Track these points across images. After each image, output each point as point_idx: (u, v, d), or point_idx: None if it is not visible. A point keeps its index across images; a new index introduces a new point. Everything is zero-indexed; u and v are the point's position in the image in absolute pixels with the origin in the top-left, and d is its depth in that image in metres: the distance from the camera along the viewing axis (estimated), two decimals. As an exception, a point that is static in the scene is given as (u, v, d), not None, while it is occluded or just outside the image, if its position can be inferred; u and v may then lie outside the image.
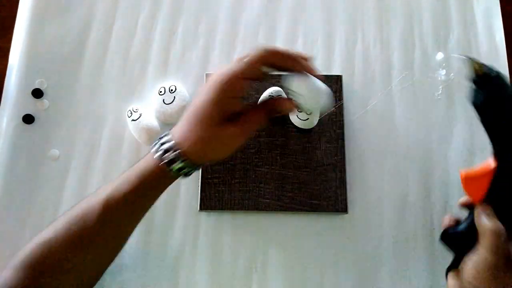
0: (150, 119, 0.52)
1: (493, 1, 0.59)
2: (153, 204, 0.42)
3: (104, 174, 0.52)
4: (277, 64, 0.40)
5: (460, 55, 0.45)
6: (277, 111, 0.42)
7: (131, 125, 0.52)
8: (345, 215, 0.51)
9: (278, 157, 0.52)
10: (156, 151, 0.39)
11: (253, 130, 0.41)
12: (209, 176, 0.51)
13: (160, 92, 0.53)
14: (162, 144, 0.39)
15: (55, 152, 0.53)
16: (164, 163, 0.39)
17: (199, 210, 0.50)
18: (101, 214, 0.39)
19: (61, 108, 0.55)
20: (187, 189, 0.52)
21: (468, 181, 0.39)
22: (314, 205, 0.50)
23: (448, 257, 0.50)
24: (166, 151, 0.39)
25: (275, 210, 0.50)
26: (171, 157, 0.38)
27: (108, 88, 0.56)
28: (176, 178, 0.41)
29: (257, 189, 0.51)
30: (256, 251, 0.50)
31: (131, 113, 0.52)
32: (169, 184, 0.42)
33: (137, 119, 0.52)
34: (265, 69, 0.40)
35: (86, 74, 0.56)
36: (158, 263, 0.49)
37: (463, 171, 0.40)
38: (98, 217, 0.39)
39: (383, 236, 0.50)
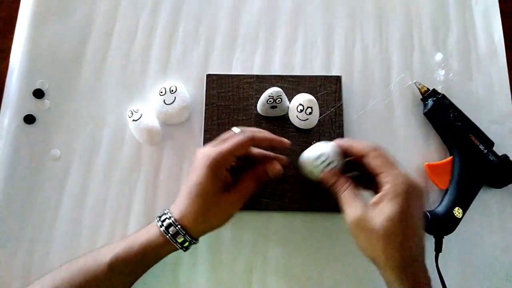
0: (151, 120, 0.53)
1: (492, 2, 0.59)
2: (151, 267, 0.45)
3: (104, 174, 0.53)
4: (262, 146, 0.45)
5: (413, 82, 0.55)
6: (268, 176, 0.45)
7: (132, 125, 0.52)
8: (345, 215, 0.51)
9: (278, 157, 0.52)
10: (160, 226, 0.43)
11: (247, 195, 0.44)
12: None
13: (161, 92, 0.53)
14: (163, 221, 0.43)
15: (56, 152, 0.53)
16: (169, 236, 0.42)
17: (199, 210, 0.51)
18: (106, 274, 0.42)
19: (62, 108, 0.55)
20: (187, 189, 0.52)
21: (433, 170, 0.51)
22: (314, 205, 0.50)
23: (447, 254, 0.51)
24: (167, 227, 0.42)
25: (275, 210, 0.50)
26: (174, 232, 0.42)
27: (109, 88, 0.56)
28: (174, 250, 0.44)
29: (257, 189, 0.51)
30: (256, 251, 0.50)
31: (132, 113, 0.52)
32: (167, 254, 0.45)
33: (138, 119, 0.52)
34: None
35: (87, 75, 0.56)
36: (158, 263, 0.49)
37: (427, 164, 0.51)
38: (104, 277, 0.42)
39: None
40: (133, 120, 0.52)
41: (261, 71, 0.57)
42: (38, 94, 0.55)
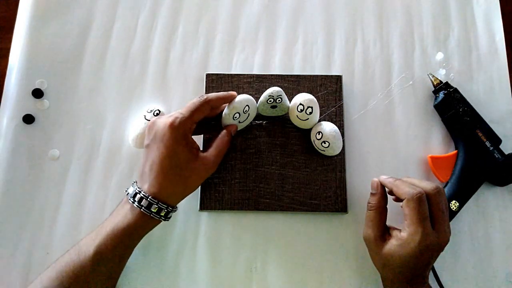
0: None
1: (493, 1, 0.59)
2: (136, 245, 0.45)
3: (104, 174, 0.52)
4: (217, 105, 0.47)
5: (428, 74, 0.55)
6: (230, 135, 0.48)
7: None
8: (345, 215, 0.51)
9: (278, 157, 0.52)
10: (140, 207, 0.42)
11: (221, 156, 0.47)
12: (209, 176, 0.51)
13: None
14: (140, 201, 0.42)
15: (55, 152, 0.53)
16: (153, 214, 0.42)
17: (199, 210, 0.51)
18: (92, 266, 0.41)
19: (61, 108, 0.55)
20: (187, 189, 0.52)
21: (436, 162, 0.51)
22: (314, 205, 0.50)
23: (447, 254, 0.50)
24: (148, 206, 0.42)
25: (275, 210, 0.50)
26: (156, 209, 0.43)
27: (108, 88, 0.56)
28: (157, 224, 0.45)
29: (257, 189, 0.51)
30: (256, 251, 0.50)
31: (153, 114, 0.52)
32: (151, 230, 0.45)
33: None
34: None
35: (86, 74, 0.56)
36: (158, 263, 0.50)
37: (430, 156, 0.52)
38: (90, 269, 0.41)
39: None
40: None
41: (261, 70, 0.56)
42: (37, 93, 0.55)
